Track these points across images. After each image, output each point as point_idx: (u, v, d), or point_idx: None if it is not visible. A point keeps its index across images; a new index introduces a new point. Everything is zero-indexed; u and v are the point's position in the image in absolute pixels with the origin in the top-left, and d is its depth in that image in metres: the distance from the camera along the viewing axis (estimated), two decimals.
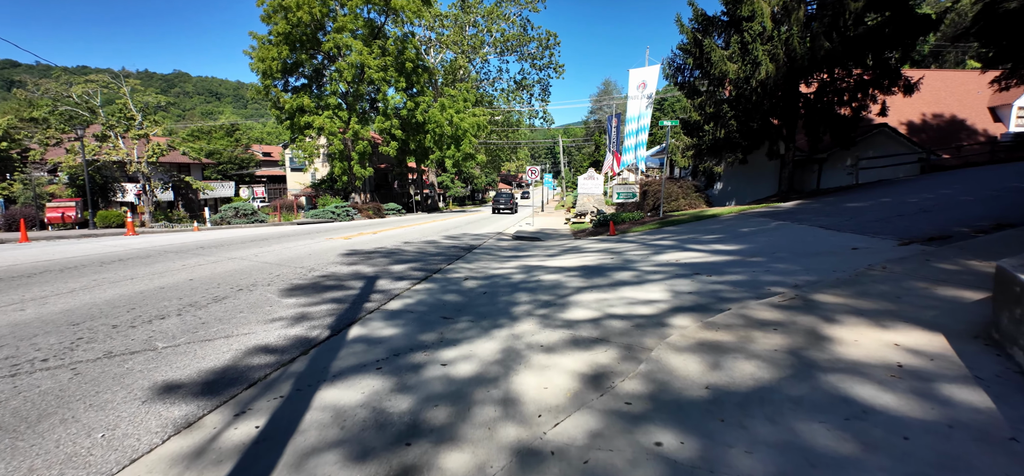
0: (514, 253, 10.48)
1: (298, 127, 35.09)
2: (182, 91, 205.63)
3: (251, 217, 22.21)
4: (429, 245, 12.01)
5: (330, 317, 4.80)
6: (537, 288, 6.03)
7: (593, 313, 4.62)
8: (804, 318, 3.85)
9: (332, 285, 6.43)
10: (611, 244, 10.88)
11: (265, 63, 34.18)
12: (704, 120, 16.23)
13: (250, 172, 54.83)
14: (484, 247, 11.90)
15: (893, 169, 19.35)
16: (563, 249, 10.92)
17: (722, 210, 14.68)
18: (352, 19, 34.28)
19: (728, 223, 12.22)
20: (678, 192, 16.50)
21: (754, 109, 14.79)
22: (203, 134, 55.22)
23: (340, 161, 35.24)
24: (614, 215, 14.56)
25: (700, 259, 7.41)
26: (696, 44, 16.75)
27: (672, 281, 5.89)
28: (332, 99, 34.75)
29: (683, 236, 10.83)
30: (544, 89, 61.43)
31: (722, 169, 16.07)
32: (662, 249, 9.08)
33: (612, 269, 7.17)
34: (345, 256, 9.43)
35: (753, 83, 14.20)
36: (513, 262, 8.76)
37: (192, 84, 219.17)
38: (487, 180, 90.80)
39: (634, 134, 19.31)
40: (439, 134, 37.14)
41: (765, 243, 8.41)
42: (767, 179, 19.57)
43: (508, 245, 12.47)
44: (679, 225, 13.12)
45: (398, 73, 35.45)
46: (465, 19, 54.44)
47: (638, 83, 19.53)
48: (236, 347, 3.91)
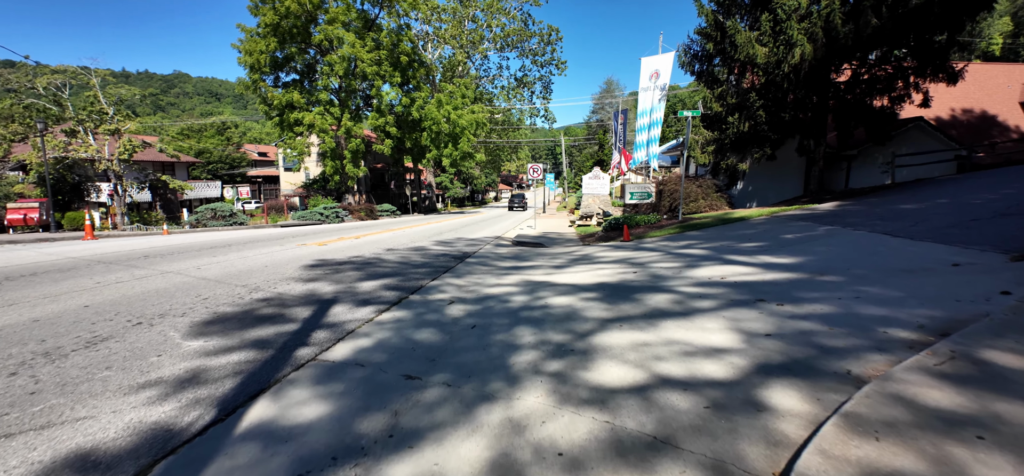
0: (514, 264, 8.84)
1: (287, 124, 33.49)
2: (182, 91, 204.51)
3: (229, 219, 20.60)
4: (415, 253, 10.37)
5: (233, 378, 3.17)
6: (544, 320, 4.41)
7: (633, 373, 3.00)
8: (1005, 404, 2.23)
9: (268, 315, 4.79)
10: (629, 252, 9.24)
11: (253, 56, 32.60)
12: (727, 111, 14.59)
13: (242, 172, 53.18)
14: (479, 255, 10.26)
15: (928, 168, 17.71)
16: (572, 258, 9.29)
17: (749, 212, 13.06)
18: (345, 10, 32.70)
19: (763, 227, 10.58)
20: (697, 192, 14.88)
21: (785, 98, 13.17)
22: (194, 132, 53.60)
23: (332, 160, 33.61)
24: (627, 218, 12.93)
25: (752, 276, 5.78)
26: (717, 27, 15.11)
27: (731, 312, 4.26)
28: (323, 95, 33.13)
29: (714, 243, 9.19)
30: (545, 86, 59.81)
31: (747, 166, 14.47)
32: (695, 261, 7.43)
33: (641, 289, 5.54)
34: (308, 269, 7.79)
35: (785, 68, 12.56)
36: (513, 277, 7.12)
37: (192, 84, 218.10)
38: (487, 181, 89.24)
39: (646, 129, 17.68)
40: (436, 132, 35.51)
41: (828, 255, 6.78)
42: (791, 178, 17.92)
43: (507, 252, 10.84)
44: (704, 230, 11.48)
45: (393, 67, 33.83)
46: (463, 13, 52.81)
47: (650, 73, 17.90)
48: (32, 458, 2.28)
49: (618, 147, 28.72)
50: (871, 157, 18.00)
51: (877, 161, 18.15)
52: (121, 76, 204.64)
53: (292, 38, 33.47)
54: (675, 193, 14.77)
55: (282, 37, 32.90)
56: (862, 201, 12.89)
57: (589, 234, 14.45)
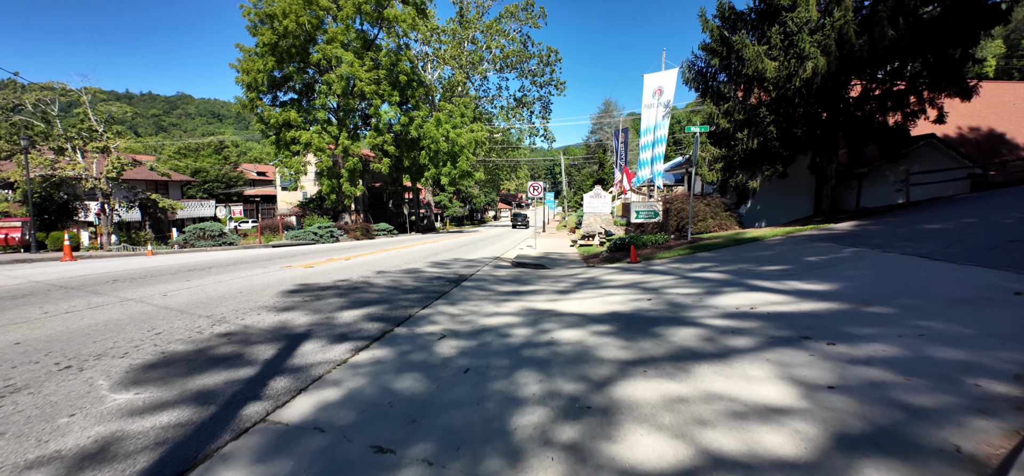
0: (514, 288, 8.13)
1: (284, 142, 33.00)
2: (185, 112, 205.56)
3: (218, 239, 19.89)
4: (408, 275, 9.66)
5: (151, 452, 2.45)
6: (551, 361, 3.70)
7: (673, 448, 2.29)
8: None
9: (225, 356, 4.07)
10: (638, 276, 8.54)
11: (250, 75, 32.26)
12: (735, 127, 14.01)
13: (238, 191, 52.59)
14: (477, 278, 9.55)
15: (941, 186, 17.11)
16: (577, 282, 8.59)
17: (761, 232, 12.39)
18: (343, 31, 32.41)
19: (781, 249, 9.89)
20: (705, 211, 14.22)
21: (795, 113, 12.61)
22: (191, 151, 53.12)
23: (328, 178, 33.04)
24: (633, 237, 12.26)
25: (786, 306, 5.08)
26: (722, 42, 14.62)
27: (775, 354, 3.57)
28: (321, 113, 32.71)
29: (732, 267, 8.49)
30: (545, 106, 59.68)
31: (758, 184, 13.85)
32: (716, 287, 6.73)
33: (661, 321, 4.84)
34: (286, 296, 7.07)
35: (796, 82, 12.00)
36: (513, 304, 6.41)
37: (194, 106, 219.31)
38: (486, 200, 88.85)
39: (650, 146, 17.10)
40: (434, 150, 35.02)
41: (865, 281, 6.08)
42: (800, 198, 17.30)
43: (507, 275, 10.13)
44: (716, 251, 10.79)
45: (391, 87, 33.46)
46: (463, 34, 52.83)
47: (653, 90, 17.38)
48: None
49: (619, 165, 28.15)
50: (882, 175, 17.41)
51: (889, 179, 17.56)
52: (124, 97, 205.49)
53: (290, 58, 33.17)
54: (682, 212, 14.12)
55: (280, 57, 32.59)
56: (880, 220, 12.23)
57: (593, 255, 13.76)
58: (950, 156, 17.39)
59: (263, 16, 31.25)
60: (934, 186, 16.81)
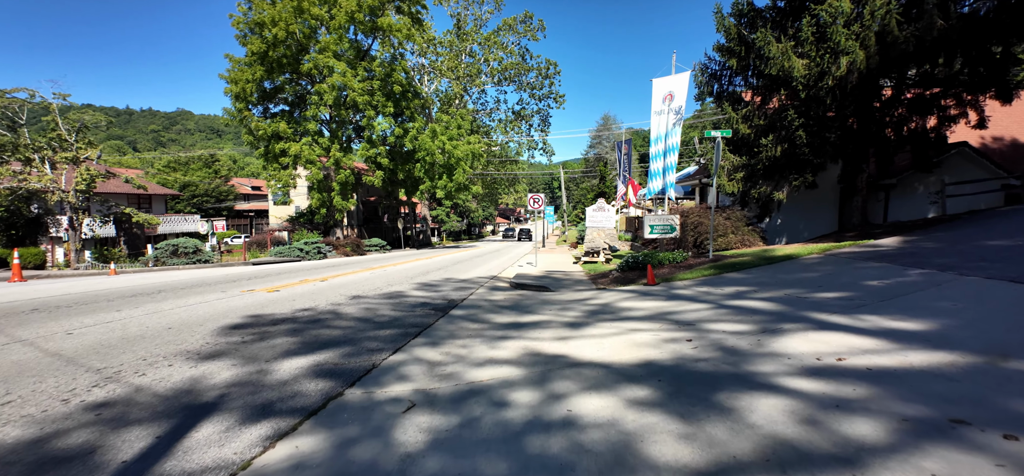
0: (514, 318, 6.71)
1: (273, 155, 31.70)
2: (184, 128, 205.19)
3: (191, 257, 18.46)
4: (387, 302, 8.24)
5: None
6: (575, 466, 2.29)
7: None
8: None
9: (67, 454, 2.65)
10: (663, 303, 7.12)
11: (239, 85, 31.09)
12: (756, 133, 12.69)
13: (229, 205, 51.14)
14: (469, 304, 8.13)
15: (972, 199, 15.77)
16: (588, 309, 7.16)
17: (792, 249, 11.01)
18: (336, 40, 31.25)
19: (826, 270, 8.49)
20: (726, 225, 12.85)
21: (826, 115, 11.31)
22: (181, 165, 51.75)
23: (319, 192, 31.69)
24: (647, 255, 10.86)
25: (886, 358, 3.68)
26: (741, 41, 13.36)
27: (933, 460, 2.17)
28: (312, 125, 31.41)
29: (776, 293, 7.08)
30: (544, 120, 58.64)
31: (784, 196, 12.49)
32: (769, 321, 5.32)
33: (720, 380, 3.43)
34: (223, 334, 5.63)
35: (829, 82, 10.71)
36: (512, 344, 5.00)
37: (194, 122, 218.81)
38: (485, 214, 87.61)
39: (661, 156, 15.78)
40: (430, 163, 33.72)
41: (967, 316, 4.69)
42: (823, 211, 15.94)
43: (504, 300, 8.71)
44: (747, 271, 9.40)
45: (385, 98, 32.25)
46: (461, 47, 51.89)
47: (663, 95, 16.09)
48: None
49: (622, 178, 26.84)
50: (910, 187, 16.08)
51: (917, 191, 16.24)
52: (125, 113, 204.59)
53: (281, 68, 32.01)
54: (700, 227, 12.75)
55: (270, 67, 31.42)
56: (927, 235, 10.85)
57: (600, 274, 12.35)
58: (983, 166, 16.10)
59: (252, 24, 30.13)
60: (967, 198, 15.48)
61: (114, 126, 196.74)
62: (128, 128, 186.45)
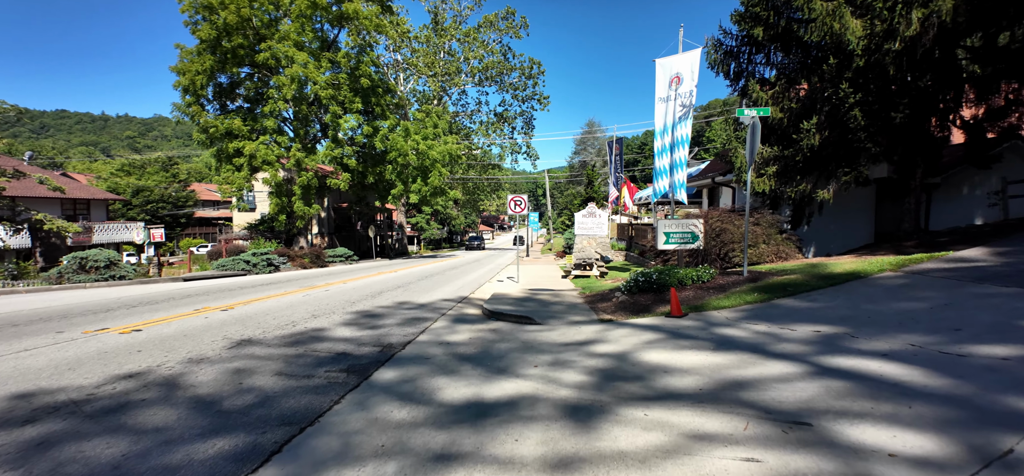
0: (474, 395, 3.97)
1: (226, 155, 28.47)
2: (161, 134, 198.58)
3: (104, 271, 15.35)
4: (283, 353, 5.41)
5: None
6: None
7: None
8: None
9: None
10: (712, 356, 4.42)
11: (188, 76, 27.82)
12: (791, 118, 10.15)
13: (188, 212, 47.35)
14: (410, 355, 5.36)
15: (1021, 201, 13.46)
16: (597, 367, 4.43)
17: (848, 263, 8.45)
18: (298, 29, 28.21)
19: (935, 298, 5.88)
20: (756, 233, 10.23)
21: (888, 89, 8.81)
22: (135, 168, 47.83)
23: (277, 197, 28.50)
24: (662, 271, 8.18)
25: None
26: (768, 4, 10.82)
27: None
28: (270, 122, 28.23)
29: (894, 341, 4.46)
30: (527, 122, 55.99)
31: (830, 195, 9.94)
32: (949, 409, 2.59)
33: None
34: None
35: (897, 44, 8.23)
36: None
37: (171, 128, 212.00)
38: (466, 221, 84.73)
39: (667, 151, 13.22)
40: (402, 164, 30.77)
41: None
42: (856, 217, 13.48)
43: (468, 342, 5.94)
44: (807, 297, 6.77)
45: (353, 93, 29.27)
46: (438, 43, 49.09)
47: (670, 77, 13.55)
48: None
49: (615, 181, 24.28)
50: (956, 187, 13.73)
51: (962, 192, 13.90)
52: (100, 119, 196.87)
53: (237, 60, 28.79)
54: (723, 234, 10.16)
55: (224, 57, 28.22)
56: (1019, 245, 8.37)
57: (598, 295, 9.64)
58: None
59: (201, 8, 26.94)
60: (1020, 200, 13.16)
61: (88, 132, 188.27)
62: (103, 134, 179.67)
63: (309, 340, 5.92)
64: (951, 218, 13.49)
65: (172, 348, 5.58)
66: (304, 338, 6.03)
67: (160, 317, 7.75)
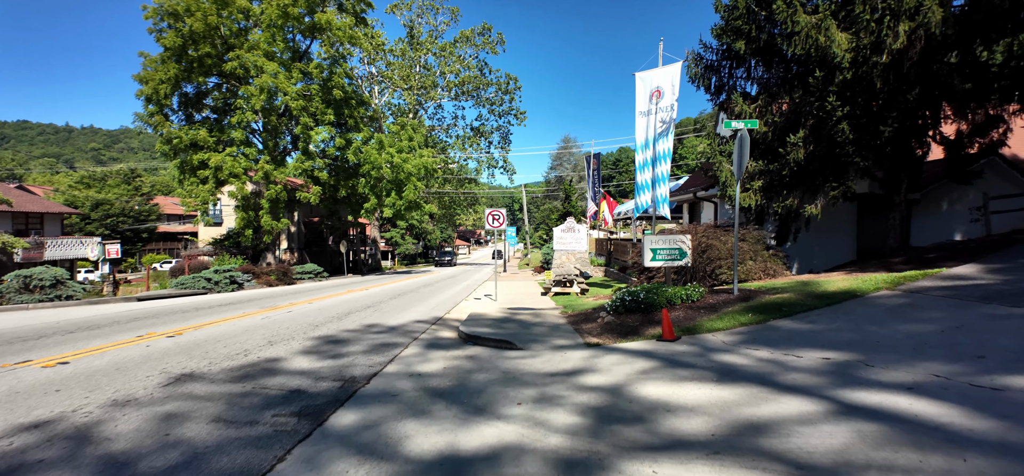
0: (447, 446, 3.37)
1: (190, 167, 27.27)
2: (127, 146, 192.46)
3: (51, 291, 14.19)
4: (228, 391, 4.75)
5: None
6: None
7: None
8: None
9: None
10: (716, 389, 3.92)
11: (151, 85, 26.65)
12: (776, 131, 9.90)
13: (150, 226, 45.34)
14: (374, 391, 4.75)
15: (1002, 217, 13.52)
16: (590, 404, 3.88)
17: (840, 281, 8.13)
18: (268, 39, 27.34)
19: (942, 320, 5.52)
20: (743, 249, 9.88)
21: (874, 106, 8.61)
22: (95, 181, 45.69)
23: (244, 211, 27.36)
24: (649, 289, 7.71)
25: None
26: (751, 18, 10.60)
27: None
28: (238, 133, 27.15)
29: (916, 370, 4.04)
30: (504, 137, 55.68)
31: (818, 210, 9.67)
32: None
33: None
34: None
35: (884, 57, 8.05)
36: None
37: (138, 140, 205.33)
38: (443, 236, 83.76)
39: (649, 166, 12.91)
40: (376, 178, 29.95)
41: None
42: (839, 233, 13.31)
43: (442, 374, 5.35)
44: (804, 318, 6.37)
45: (325, 104, 28.44)
46: (414, 56, 48.55)
47: (650, 91, 13.28)
48: None
49: (593, 195, 23.98)
50: (935, 203, 13.73)
51: (941, 208, 13.91)
52: (64, 131, 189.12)
53: (204, 69, 27.74)
54: (709, 251, 9.79)
55: (190, 65, 27.14)
56: (1009, 261, 8.18)
57: (582, 314, 9.13)
58: (1014, 180, 13.92)
59: (165, 14, 25.88)
60: (1001, 216, 13.20)
61: (51, 143, 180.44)
62: (66, 146, 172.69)
63: (260, 374, 5.21)
64: (931, 234, 13.46)
65: (98, 386, 4.81)
66: (255, 371, 5.32)
67: (96, 346, 6.90)
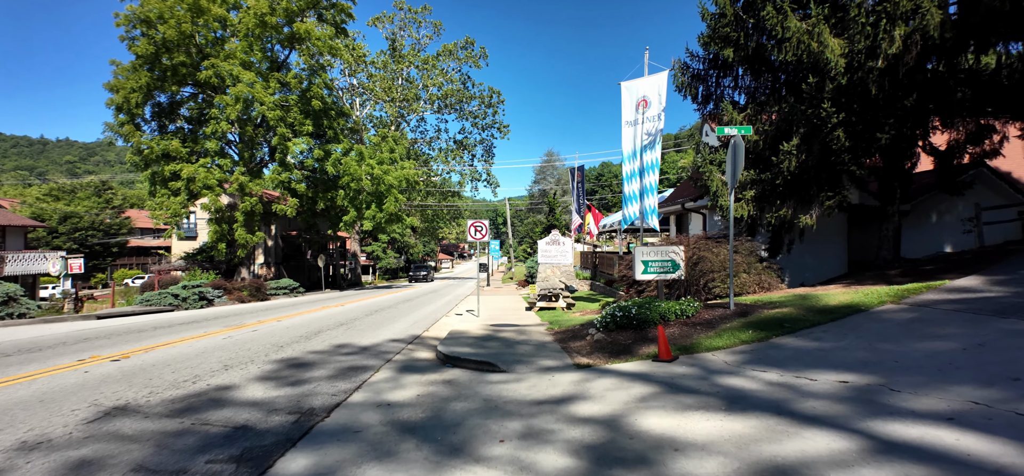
0: None
1: (162, 178, 26.26)
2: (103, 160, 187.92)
3: (2, 308, 13.20)
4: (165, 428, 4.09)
5: None
6: None
7: None
8: None
9: None
10: (728, 421, 3.40)
11: (121, 94, 25.67)
12: (768, 140, 9.56)
13: (121, 240, 43.74)
14: (333, 427, 4.14)
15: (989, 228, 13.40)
16: (584, 442, 3.30)
17: (840, 294, 7.73)
18: (246, 48, 26.57)
19: (963, 337, 5.09)
20: (738, 262, 9.47)
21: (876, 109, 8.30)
22: (65, 193, 44.05)
23: (217, 224, 26.38)
24: (641, 304, 7.21)
25: None
26: (739, 25, 10.31)
27: None
28: (212, 143, 26.23)
29: (953, 398, 3.52)
30: (487, 150, 55.26)
31: (813, 220, 9.31)
32: None
33: None
34: None
35: (880, 62, 7.76)
36: None
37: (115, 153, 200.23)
38: (425, 250, 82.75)
39: (636, 177, 12.53)
40: (355, 190, 29.19)
41: None
42: (830, 246, 13.04)
43: (414, 402, 4.77)
44: (808, 335, 5.93)
45: (303, 115, 27.72)
46: (396, 69, 48.02)
47: (636, 101, 12.96)
48: None
49: (578, 207, 23.59)
50: (924, 214, 13.56)
51: (931, 219, 13.76)
52: (39, 143, 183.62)
53: (178, 78, 26.86)
54: (701, 263, 9.35)
55: (163, 74, 26.26)
56: (1013, 273, 7.88)
57: (569, 331, 8.59)
58: (1002, 191, 13.84)
59: (138, 21, 25.02)
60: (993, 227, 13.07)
61: (24, 156, 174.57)
62: (40, 159, 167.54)
63: (206, 405, 4.55)
64: (921, 246, 13.25)
65: (11, 422, 4.12)
66: (200, 402, 4.66)
67: (28, 372, 6.14)
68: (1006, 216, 12.81)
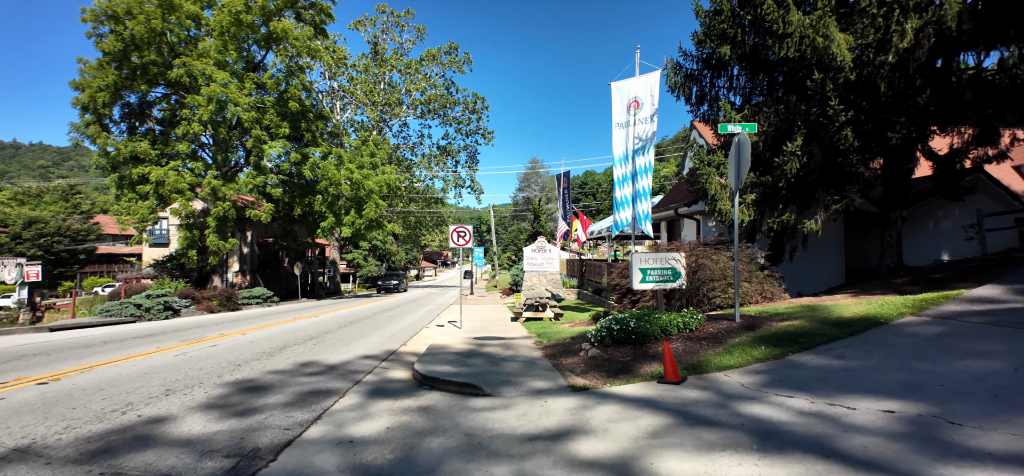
0: None
1: (129, 182, 25.04)
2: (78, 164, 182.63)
3: None
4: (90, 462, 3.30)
5: None
6: None
7: None
8: None
9: None
10: (770, 470, 2.71)
11: (87, 93, 24.44)
12: (769, 140, 9.04)
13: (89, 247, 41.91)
14: (289, 466, 3.36)
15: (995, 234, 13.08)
16: None
17: (852, 306, 7.18)
18: (220, 47, 25.52)
19: (992, 351, 4.52)
20: (739, 270, 8.89)
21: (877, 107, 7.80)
22: (30, 197, 42.14)
23: (188, 230, 25.19)
24: (640, 316, 6.56)
25: None
26: (736, 21, 9.80)
27: None
28: (183, 146, 25.05)
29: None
30: (471, 156, 54.53)
31: (818, 225, 8.76)
32: None
33: None
34: None
35: (890, 56, 7.28)
36: None
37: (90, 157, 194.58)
38: (408, 257, 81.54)
39: (628, 181, 11.99)
40: (334, 195, 28.24)
41: None
42: (826, 253, 12.59)
43: (381, 439, 4.01)
44: (827, 352, 5.35)
45: (280, 118, 26.69)
46: (378, 73, 47.14)
47: (627, 102, 12.49)
48: None
49: (565, 213, 22.97)
50: (922, 221, 13.21)
51: (928, 226, 13.41)
52: (11, 146, 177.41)
53: (148, 78, 25.67)
54: (700, 272, 8.74)
55: (132, 73, 25.09)
56: None
57: (560, 345, 7.89)
58: (1000, 197, 13.56)
59: (104, 15, 23.86)
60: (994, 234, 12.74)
61: None
62: (12, 163, 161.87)
63: (128, 444, 3.75)
64: (919, 253, 12.85)
65: None
66: (122, 440, 3.85)
67: None
68: (1004, 223, 12.49)
